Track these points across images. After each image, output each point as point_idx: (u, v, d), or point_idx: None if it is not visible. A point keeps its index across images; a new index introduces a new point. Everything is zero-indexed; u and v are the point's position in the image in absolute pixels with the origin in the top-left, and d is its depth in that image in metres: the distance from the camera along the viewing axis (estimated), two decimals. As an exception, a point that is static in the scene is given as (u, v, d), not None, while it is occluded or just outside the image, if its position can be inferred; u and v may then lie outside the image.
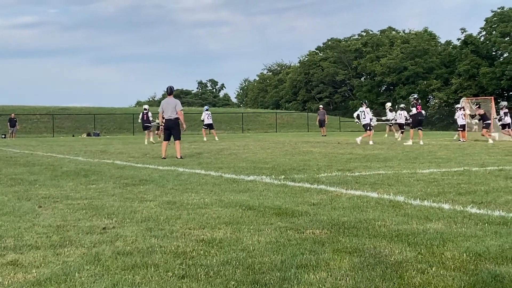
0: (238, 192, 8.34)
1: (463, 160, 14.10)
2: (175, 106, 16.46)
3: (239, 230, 5.49)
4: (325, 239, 5.01)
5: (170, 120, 16.54)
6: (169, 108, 16.50)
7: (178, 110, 16.44)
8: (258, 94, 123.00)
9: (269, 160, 14.86)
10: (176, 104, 16.53)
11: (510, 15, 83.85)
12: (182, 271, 4.13)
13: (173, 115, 16.42)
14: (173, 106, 16.48)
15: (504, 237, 4.95)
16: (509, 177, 9.90)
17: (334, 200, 7.31)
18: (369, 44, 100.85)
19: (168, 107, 16.56)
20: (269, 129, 62.52)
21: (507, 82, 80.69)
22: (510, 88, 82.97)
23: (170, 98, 16.84)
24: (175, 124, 16.56)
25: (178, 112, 16.42)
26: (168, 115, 16.51)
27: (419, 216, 6.03)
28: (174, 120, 16.49)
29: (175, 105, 16.51)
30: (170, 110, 16.45)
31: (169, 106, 16.56)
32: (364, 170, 11.58)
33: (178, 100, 17.06)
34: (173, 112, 16.41)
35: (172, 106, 16.50)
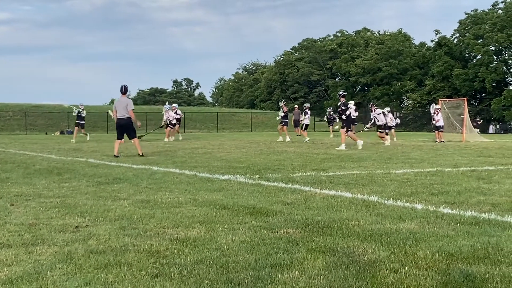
0: (212, 191, 8.33)
1: (436, 161, 14.23)
2: (126, 106, 16.36)
3: (213, 229, 5.48)
4: (299, 239, 5.02)
5: (123, 119, 16.50)
6: (121, 107, 16.43)
7: (129, 109, 16.34)
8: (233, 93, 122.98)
9: (244, 160, 14.86)
10: (127, 104, 16.42)
11: (483, 18, 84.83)
12: (155, 270, 4.11)
13: (125, 114, 16.36)
14: (124, 106, 16.39)
15: (476, 237, 5.00)
16: (481, 178, 10.01)
17: (308, 200, 7.33)
18: (344, 44, 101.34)
19: (120, 106, 16.48)
20: (244, 128, 62.58)
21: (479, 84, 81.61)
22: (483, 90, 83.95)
23: (123, 97, 16.71)
24: (127, 123, 16.53)
25: (129, 112, 16.33)
26: (120, 115, 16.45)
27: (392, 216, 6.07)
28: (126, 119, 16.46)
29: (127, 104, 16.40)
30: (122, 109, 16.39)
31: (121, 106, 16.48)
32: (338, 170, 11.63)
33: (130, 100, 16.89)
34: (125, 111, 16.35)
35: (123, 105, 16.41)
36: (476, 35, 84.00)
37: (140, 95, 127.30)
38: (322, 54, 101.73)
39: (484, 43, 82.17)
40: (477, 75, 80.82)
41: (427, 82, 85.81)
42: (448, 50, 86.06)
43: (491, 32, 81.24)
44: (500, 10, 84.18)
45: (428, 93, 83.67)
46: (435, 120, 28.81)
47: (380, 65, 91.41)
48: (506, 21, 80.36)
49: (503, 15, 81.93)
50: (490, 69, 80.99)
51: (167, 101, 38.30)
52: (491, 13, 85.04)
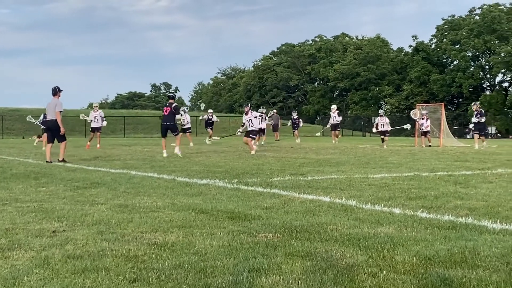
0: (191, 195, 8.30)
1: (413, 166, 14.32)
2: (55, 107, 15.72)
3: (191, 233, 5.46)
4: (277, 243, 5.02)
5: (51, 121, 15.93)
6: (50, 109, 15.88)
7: (56, 111, 15.69)
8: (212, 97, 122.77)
9: (223, 164, 14.84)
10: (56, 105, 15.74)
11: (461, 24, 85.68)
12: (133, 275, 4.08)
13: (54, 116, 15.78)
14: (53, 107, 15.76)
15: (453, 241, 5.04)
16: (458, 182, 10.09)
17: (287, 204, 7.34)
18: (322, 49, 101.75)
19: (50, 108, 15.92)
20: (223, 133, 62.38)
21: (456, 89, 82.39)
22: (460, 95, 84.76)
23: (54, 98, 15.92)
24: (55, 125, 15.82)
25: (56, 114, 15.70)
26: (50, 116, 15.93)
27: (370, 220, 6.10)
28: (54, 121, 15.81)
29: (55, 105, 15.73)
30: (51, 111, 15.83)
31: (50, 107, 15.91)
32: (317, 175, 11.66)
33: (60, 101, 15.99)
34: (53, 113, 15.77)
35: (52, 107, 15.78)
36: (453, 40, 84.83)
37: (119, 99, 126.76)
38: (300, 58, 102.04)
39: (461, 48, 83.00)
40: (454, 80, 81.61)
41: (405, 87, 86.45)
42: (426, 55, 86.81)
43: (468, 37, 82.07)
44: (477, 16, 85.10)
45: (406, 98, 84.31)
46: (424, 126, 29.23)
47: (358, 70, 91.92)
48: (483, 27, 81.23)
49: (479, 21, 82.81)
50: (467, 74, 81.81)
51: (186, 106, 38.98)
52: (468, 19, 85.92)
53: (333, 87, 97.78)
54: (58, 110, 15.73)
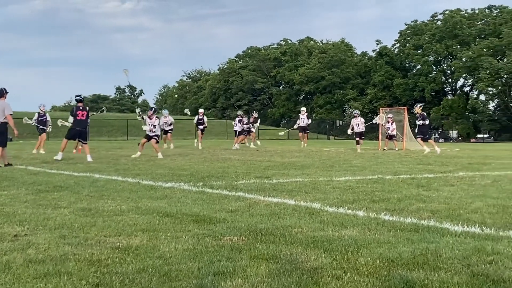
0: (155, 199, 8.25)
1: (377, 169, 14.45)
2: (3, 110, 15.19)
3: (156, 237, 5.43)
4: (242, 246, 5.01)
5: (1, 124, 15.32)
6: None
7: (6, 114, 15.19)
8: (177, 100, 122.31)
9: (188, 167, 14.79)
10: (4, 108, 15.21)
11: (423, 29, 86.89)
12: (96, 279, 4.04)
13: (1, 118, 15.24)
14: (1, 110, 15.23)
15: (415, 244, 5.09)
16: (421, 185, 10.21)
17: (252, 207, 7.34)
18: (288, 53, 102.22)
19: None
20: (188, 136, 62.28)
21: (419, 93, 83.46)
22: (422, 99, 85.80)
23: (1, 100, 15.32)
24: (2, 128, 15.30)
25: (6, 116, 15.18)
26: None
27: (335, 223, 6.13)
28: (1, 124, 15.27)
29: (4, 108, 15.20)
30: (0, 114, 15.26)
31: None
32: (282, 178, 11.69)
33: (8, 103, 15.45)
34: (1, 115, 15.24)
35: (1, 109, 15.24)
36: (416, 45, 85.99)
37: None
38: (266, 62, 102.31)
39: (424, 53, 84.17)
40: (417, 84, 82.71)
41: (369, 91, 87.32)
42: (389, 60, 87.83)
43: (430, 42, 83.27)
44: (439, 21, 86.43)
45: (369, 101, 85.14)
46: (390, 129, 29.56)
47: (323, 73, 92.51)
48: (444, 32, 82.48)
49: (441, 26, 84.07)
50: (430, 79, 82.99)
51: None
52: (430, 24, 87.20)
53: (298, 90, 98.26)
54: (9, 113, 15.24)
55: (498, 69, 73.54)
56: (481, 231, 5.69)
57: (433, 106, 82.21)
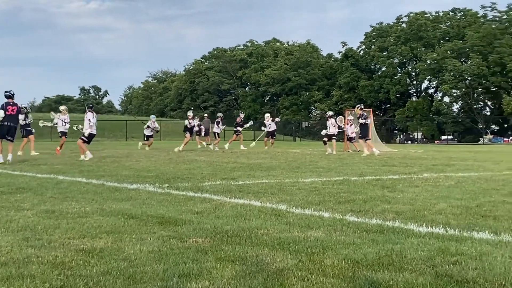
0: (120, 200, 8.17)
1: (342, 170, 14.53)
2: None
3: (120, 239, 5.37)
4: (208, 248, 4.99)
5: None
6: None
7: None
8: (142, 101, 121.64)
9: (153, 169, 14.69)
10: None
11: (388, 31, 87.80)
12: (60, 282, 3.97)
13: None
14: None
15: (380, 245, 5.12)
16: (386, 186, 10.29)
17: (218, 209, 7.31)
18: (254, 54, 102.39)
19: None
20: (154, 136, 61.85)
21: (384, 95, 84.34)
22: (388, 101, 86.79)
23: None
24: None
25: None
26: None
27: (301, 224, 6.14)
28: None
29: None
30: None
31: None
32: (248, 179, 11.69)
33: None
34: None
35: None
36: (381, 47, 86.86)
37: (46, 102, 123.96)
38: (232, 63, 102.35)
39: (389, 55, 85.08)
40: (382, 86, 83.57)
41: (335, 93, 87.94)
42: (355, 61, 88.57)
43: (396, 45, 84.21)
44: (404, 24, 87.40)
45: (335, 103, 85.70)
46: (349, 132, 29.77)
47: (289, 75, 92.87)
48: (409, 34, 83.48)
49: (406, 28, 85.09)
50: (395, 80, 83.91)
51: None
52: (395, 27, 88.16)
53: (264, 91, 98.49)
54: None
55: (462, 71, 74.66)
56: (445, 232, 5.75)
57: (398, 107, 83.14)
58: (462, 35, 79.55)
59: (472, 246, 5.06)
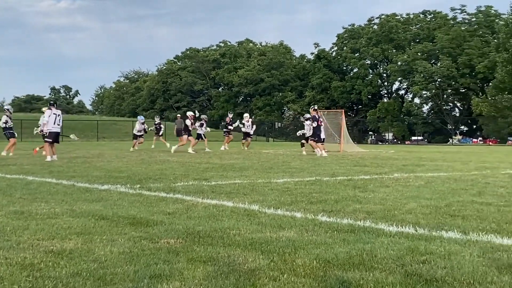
0: (91, 201, 8.11)
1: (315, 170, 14.59)
2: None
3: (91, 240, 5.32)
4: (179, 249, 4.97)
5: None
6: None
7: None
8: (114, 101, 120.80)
9: (125, 169, 14.60)
10: None
11: (360, 32, 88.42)
12: (29, 283, 3.93)
13: None
14: None
15: (351, 244, 5.15)
16: (357, 186, 10.35)
17: (190, 209, 7.29)
18: (227, 55, 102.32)
19: None
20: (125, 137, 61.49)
21: (356, 96, 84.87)
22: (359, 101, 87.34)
23: None
24: None
25: None
26: None
27: (273, 225, 6.15)
28: None
29: None
30: None
31: None
32: (221, 180, 11.67)
33: None
34: None
35: None
36: (353, 49, 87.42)
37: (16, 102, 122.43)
38: (205, 63, 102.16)
39: (361, 57, 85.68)
40: (354, 87, 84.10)
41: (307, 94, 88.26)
42: (327, 62, 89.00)
43: (367, 46, 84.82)
44: (375, 25, 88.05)
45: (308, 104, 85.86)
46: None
47: (262, 76, 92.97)
48: (381, 36, 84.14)
49: (378, 30, 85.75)
50: (366, 82, 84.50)
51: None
52: (367, 28, 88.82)
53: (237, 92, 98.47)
54: None
55: (432, 73, 75.46)
56: (415, 231, 5.80)
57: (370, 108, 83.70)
58: (432, 37, 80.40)
59: (441, 245, 5.12)
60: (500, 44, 68.21)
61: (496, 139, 68.89)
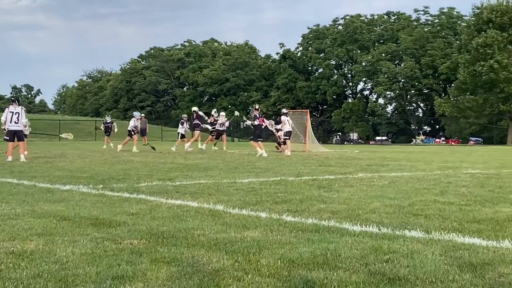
0: (52, 202, 7.99)
1: (280, 170, 14.61)
2: None
3: (52, 241, 5.24)
4: (143, 249, 4.92)
5: None
6: None
7: None
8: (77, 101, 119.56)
9: (87, 169, 14.44)
10: None
11: (325, 33, 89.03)
12: (-13, 286, 3.85)
13: None
14: None
15: (316, 244, 5.16)
16: (322, 186, 10.39)
17: (154, 210, 7.23)
18: (192, 54, 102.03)
19: None
20: (88, 137, 60.93)
21: (321, 96, 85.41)
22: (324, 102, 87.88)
23: None
24: None
25: None
26: None
27: (237, 225, 6.13)
28: None
29: None
30: None
31: None
32: (185, 180, 11.62)
33: None
34: None
35: None
36: (318, 49, 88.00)
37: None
38: (169, 63, 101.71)
39: (326, 57, 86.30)
40: (319, 87, 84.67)
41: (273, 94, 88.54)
42: (292, 63, 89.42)
43: (332, 46, 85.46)
44: (340, 26, 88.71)
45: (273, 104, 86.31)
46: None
47: (227, 75, 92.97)
48: (345, 36, 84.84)
49: (342, 31, 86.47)
50: (331, 82, 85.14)
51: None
52: (332, 29, 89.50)
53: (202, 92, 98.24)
54: None
55: (395, 74, 76.36)
56: (378, 230, 5.84)
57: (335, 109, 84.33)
58: (396, 38, 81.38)
59: (404, 244, 5.16)
60: (462, 45, 69.40)
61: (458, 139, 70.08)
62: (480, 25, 65.45)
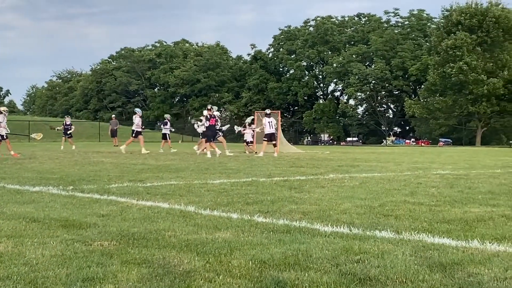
0: (22, 203, 7.89)
1: (251, 171, 14.62)
2: None
3: (21, 243, 5.18)
4: (113, 251, 4.89)
5: None
6: None
7: None
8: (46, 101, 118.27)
9: (57, 171, 14.29)
10: None
11: (296, 34, 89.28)
12: (-45, 289, 3.80)
13: None
14: None
15: (287, 245, 5.17)
16: (293, 187, 10.42)
17: (124, 211, 7.19)
18: (163, 55, 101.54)
19: None
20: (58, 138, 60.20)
21: (292, 97, 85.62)
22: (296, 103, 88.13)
23: None
24: None
25: None
26: None
27: (209, 226, 6.13)
28: None
29: None
30: None
31: None
32: (156, 181, 11.56)
33: None
34: None
35: None
36: (289, 50, 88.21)
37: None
38: (140, 63, 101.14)
39: (297, 58, 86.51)
40: (290, 88, 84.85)
41: (244, 95, 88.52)
42: (264, 64, 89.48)
43: (303, 48, 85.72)
44: (311, 27, 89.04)
45: (245, 105, 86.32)
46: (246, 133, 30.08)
47: (198, 76, 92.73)
48: (316, 38, 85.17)
49: (314, 32, 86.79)
50: (302, 83, 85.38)
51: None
52: (303, 30, 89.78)
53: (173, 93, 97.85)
54: None
55: (366, 75, 76.89)
56: (349, 231, 5.88)
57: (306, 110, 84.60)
58: (367, 39, 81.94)
59: (374, 244, 5.20)
60: (432, 47, 70.20)
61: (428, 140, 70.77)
62: (449, 27, 66.20)
